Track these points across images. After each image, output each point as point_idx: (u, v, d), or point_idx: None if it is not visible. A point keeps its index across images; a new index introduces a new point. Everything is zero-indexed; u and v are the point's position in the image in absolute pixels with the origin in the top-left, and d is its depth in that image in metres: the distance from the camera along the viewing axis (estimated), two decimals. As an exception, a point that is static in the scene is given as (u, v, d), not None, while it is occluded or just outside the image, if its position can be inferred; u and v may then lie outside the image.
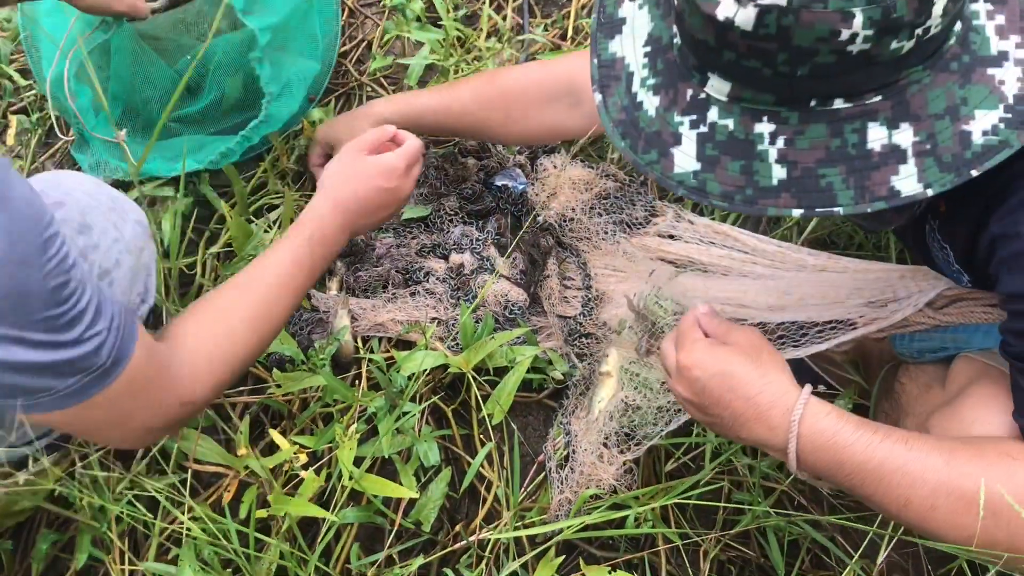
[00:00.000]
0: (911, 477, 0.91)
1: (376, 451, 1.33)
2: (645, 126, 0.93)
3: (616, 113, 0.96)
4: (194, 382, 1.05)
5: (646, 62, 0.95)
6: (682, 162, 0.90)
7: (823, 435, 0.96)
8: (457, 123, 1.57)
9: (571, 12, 1.97)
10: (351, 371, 1.51)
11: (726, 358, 1.02)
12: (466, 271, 1.59)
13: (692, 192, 0.90)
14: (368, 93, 1.89)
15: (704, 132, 0.89)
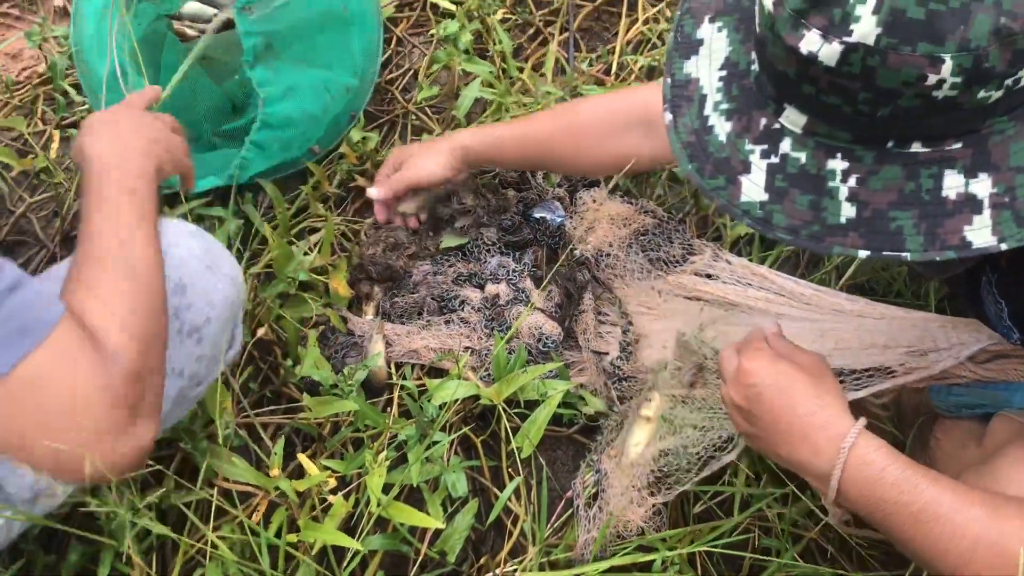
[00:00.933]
0: (952, 526, 0.89)
1: (405, 479, 1.33)
2: (715, 151, 0.91)
3: (686, 135, 0.94)
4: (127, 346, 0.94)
5: (721, 86, 0.93)
6: (750, 191, 0.89)
7: (870, 468, 0.94)
8: (535, 151, 1.56)
9: (616, 48, 1.99)
10: (383, 396, 1.52)
11: (787, 372, 1.01)
12: (501, 302, 1.59)
13: (757, 223, 0.88)
14: (413, 122, 1.91)
15: (775, 163, 0.87)
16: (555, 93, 1.84)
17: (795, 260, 1.67)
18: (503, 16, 2.00)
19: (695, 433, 1.31)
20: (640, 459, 1.33)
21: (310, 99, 1.68)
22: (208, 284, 1.16)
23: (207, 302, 1.16)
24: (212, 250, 1.21)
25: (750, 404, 1.03)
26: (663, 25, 2.00)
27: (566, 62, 1.97)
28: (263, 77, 1.60)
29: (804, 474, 1.00)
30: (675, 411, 1.35)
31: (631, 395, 1.46)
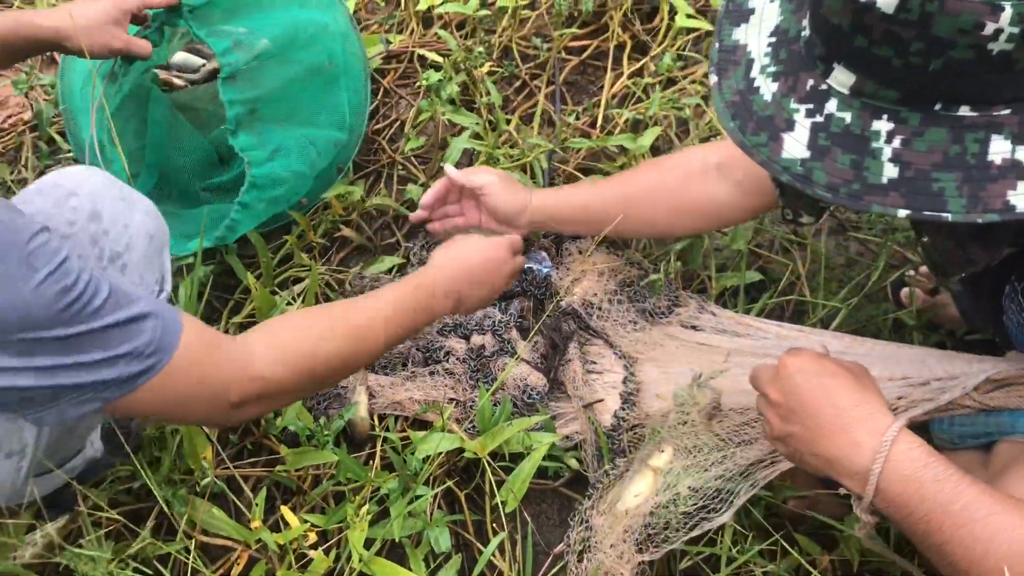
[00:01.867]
0: (993, 530, 0.88)
1: (387, 534, 1.30)
2: (758, 110, 0.92)
3: (730, 95, 0.95)
4: (266, 358, 1.09)
5: (769, 51, 0.94)
6: (791, 148, 0.89)
7: (913, 464, 0.93)
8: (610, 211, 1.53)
9: (601, 101, 2.00)
10: (366, 449, 1.50)
11: (829, 367, 1.02)
12: (486, 353, 1.58)
13: (796, 179, 0.88)
14: (399, 172, 1.92)
15: (819, 122, 0.88)
16: (543, 145, 1.85)
17: (780, 312, 1.67)
18: (490, 69, 2.02)
19: (689, 493, 1.29)
20: (636, 510, 1.30)
21: (297, 157, 1.69)
22: (122, 212, 1.20)
23: (123, 227, 1.20)
24: (125, 190, 1.25)
25: (789, 398, 1.02)
26: (647, 79, 2.02)
27: (553, 114, 1.99)
28: (247, 143, 1.60)
29: (840, 473, 0.98)
30: (673, 466, 1.33)
31: (629, 446, 1.44)
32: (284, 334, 1.15)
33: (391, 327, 1.25)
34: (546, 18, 2.16)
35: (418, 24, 2.16)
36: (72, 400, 0.94)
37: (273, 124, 1.64)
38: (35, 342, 0.88)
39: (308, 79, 1.70)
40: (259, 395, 1.09)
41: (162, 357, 0.97)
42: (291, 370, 1.11)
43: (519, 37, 2.13)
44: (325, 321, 1.19)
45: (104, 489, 1.38)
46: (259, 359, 1.09)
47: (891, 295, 1.68)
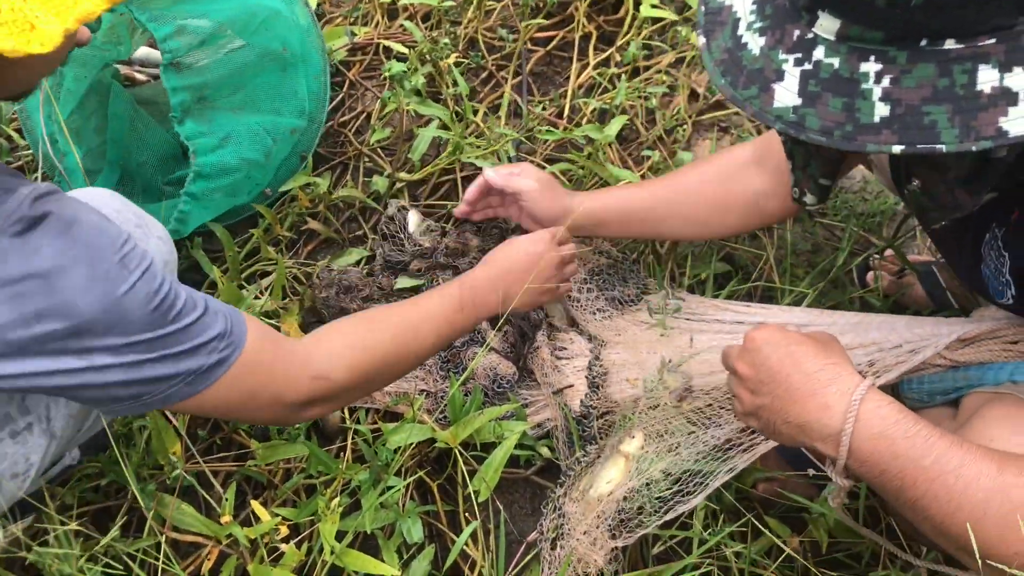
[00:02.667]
0: (965, 481, 0.90)
1: (359, 526, 1.30)
2: (748, 64, 0.93)
3: (719, 54, 0.96)
4: (326, 358, 1.12)
5: (754, 8, 0.95)
6: (782, 97, 0.90)
7: (884, 421, 0.94)
8: (667, 214, 1.55)
9: (568, 92, 2.01)
10: (337, 442, 1.49)
11: (794, 337, 1.04)
12: (457, 343, 1.58)
13: (790, 126, 0.89)
14: (365, 164, 1.91)
15: (808, 70, 0.89)
16: (510, 135, 1.85)
17: (748, 298, 1.69)
18: (456, 60, 2.01)
19: (662, 477, 1.29)
20: (609, 497, 1.31)
21: (249, 145, 1.67)
22: (139, 240, 1.18)
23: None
24: (141, 215, 1.25)
25: (758, 370, 1.04)
26: (612, 69, 2.02)
27: (520, 104, 1.99)
28: (192, 130, 1.58)
29: (813, 437, 0.99)
30: (645, 452, 1.33)
31: (600, 432, 1.44)
32: (339, 336, 1.18)
33: (440, 325, 1.29)
34: (512, 9, 2.16)
35: (383, 16, 2.14)
36: (156, 395, 0.96)
37: (226, 112, 1.63)
38: (127, 346, 0.90)
39: (262, 65, 1.68)
40: (323, 395, 1.12)
41: (235, 349, 1.00)
42: (350, 369, 1.14)
43: (485, 28, 2.13)
44: (377, 323, 1.23)
45: (71, 487, 1.36)
46: (318, 359, 1.11)
47: (857, 278, 1.70)
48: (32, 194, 0.84)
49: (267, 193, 1.74)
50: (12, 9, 0.75)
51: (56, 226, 0.84)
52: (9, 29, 0.75)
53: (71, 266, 0.84)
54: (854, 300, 1.63)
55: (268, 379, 1.05)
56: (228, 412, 1.09)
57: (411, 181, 1.85)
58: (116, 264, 0.88)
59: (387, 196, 1.82)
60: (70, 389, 0.91)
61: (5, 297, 0.82)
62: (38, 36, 0.76)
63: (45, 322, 0.84)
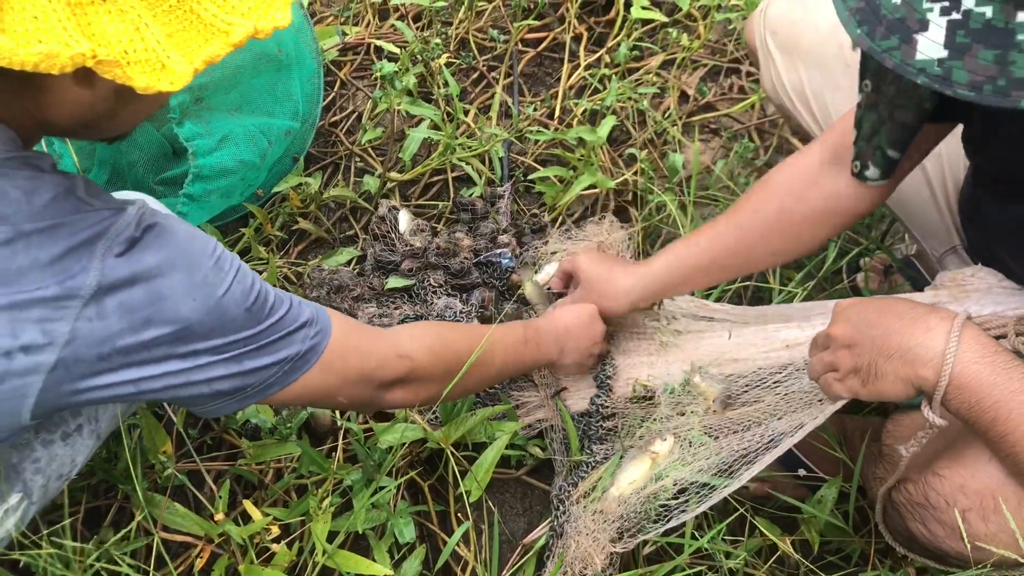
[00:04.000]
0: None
1: (351, 526, 1.30)
2: (887, 13, 0.86)
3: (854, 2, 0.88)
4: (409, 340, 1.18)
5: None
6: (926, 48, 0.83)
7: (985, 348, 0.96)
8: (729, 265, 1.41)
9: (559, 92, 2.01)
10: (328, 442, 1.49)
11: (880, 298, 1.08)
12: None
13: (934, 80, 0.83)
14: (357, 164, 1.90)
15: (957, 19, 0.82)
16: (501, 136, 1.85)
17: (738, 299, 1.69)
18: (447, 60, 2.01)
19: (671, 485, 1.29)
20: (629, 497, 1.30)
21: (246, 147, 1.66)
22: None
23: None
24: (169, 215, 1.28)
25: (854, 324, 1.07)
26: (603, 70, 2.03)
27: (511, 105, 1.99)
28: (191, 132, 1.58)
29: (916, 364, 1.00)
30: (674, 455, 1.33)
31: (607, 434, 1.44)
32: (419, 328, 1.26)
33: (508, 347, 1.34)
34: (503, 10, 2.16)
35: (374, 16, 2.14)
36: (258, 386, 1.00)
37: (223, 113, 1.62)
38: (230, 344, 0.94)
39: (257, 67, 1.67)
40: (406, 375, 1.16)
41: (325, 336, 1.05)
42: (431, 352, 1.20)
43: (476, 29, 2.13)
44: (452, 328, 1.34)
45: (60, 487, 1.36)
46: (403, 340, 1.18)
47: (846, 278, 1.71)
48: (138, 215, 0.88)
49: (259, 194, 1.74)
50: (147, 49, 0.80)
51: (155, 239, 0.88)
52: (143, 67, 0.80)
53: (172, 274, 0.89)
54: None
55: (358, 360, 1.10)
56: (325, 397, 1.11)
57: (402, 181, 1.85)
58: (212, 268, 0.92)
59: (378, 196, 1.81)
60: (176, 388, 0.94)
61: (114, 307, 0.85)
62: (168, 74, 0.82)
63: (152, 328, 0.88)
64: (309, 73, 1.81)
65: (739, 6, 2.14)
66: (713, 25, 2.14)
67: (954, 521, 1.06)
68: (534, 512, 1.47)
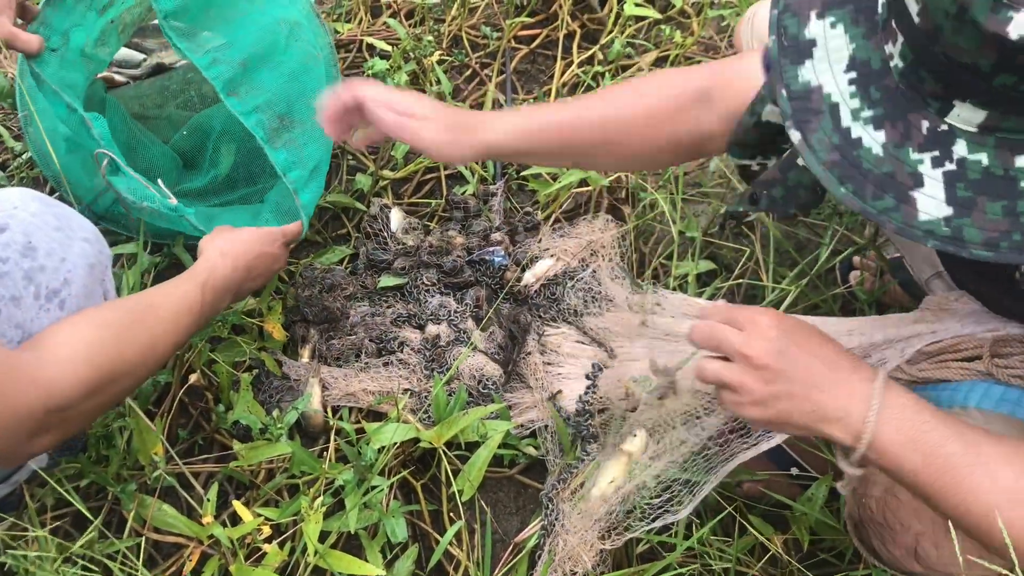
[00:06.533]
0: (994, 468, 0.87)
1: (343, 525, 1.29)
2: (871, 166, 0.80)
3: (826, 153, 0.81)
4: (62, 383, 1.01)
5: (854, 91, 0.81)
6: (928, 207, 0.78)
7: (908, 409, 0.91)
8: (585, 139, 1.29)
9: (552, 89, 2.00)
10: (320, 442, 1.49)
11: (797, 322, 0.98)
12: (442, 342, 1.57)
13: (946, 242, 0.77)
14: (349, 163, 1.90)
15: (952, 171, 0.77)
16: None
17: (731, 297, 1.69)
18: (440, 58, 2.01)
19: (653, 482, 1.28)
20: (612, 496, 1.30)
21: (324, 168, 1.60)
22: (59, 244, 1.14)
23: (60, 260, 1.13)
24: (62, 214, 1.18)
25: (778, 358, 0.95)
26: (596, 67, 2.02)
27: (504, 103, 1.98)
28: (287, 163, 1.49)
29: (835, 424, 0.93)
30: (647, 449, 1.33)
31: (601, 430, 1.44)
32: (81, 346, 1.06)
33: (182, 332, 1.22)
34: (495, 7, 2.15)
35: (366, 13, 2.14)
36: None
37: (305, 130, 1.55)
38: None
39: (307, 71, 1.61)
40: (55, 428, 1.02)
41: None
42: (88, 391, 1.04)
43: (468, 26, 2.12)
44: (125, 336, 1.12)
45: (51, 489, 1.35)
46: (55, 383, 1.01)
47: (840, 277, 1.71)
48: None
49: None
50: None
51: None
52: None
53: None
54: (837, 298, 1.64)
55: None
56: None
57: (394, 179, 1.85)
58: None
59: (370, 194, 1.81)
60: None
61: None
62: None
63: None
64: (331, 72, 1.77)
65: (732, 3, 2.13)
66: (706, 22, 2.14)
67: (910, 544, 1.05)
68: (527, 511, 1.46)
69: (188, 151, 1.81)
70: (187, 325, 1.23)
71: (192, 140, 1.80)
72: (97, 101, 1.74)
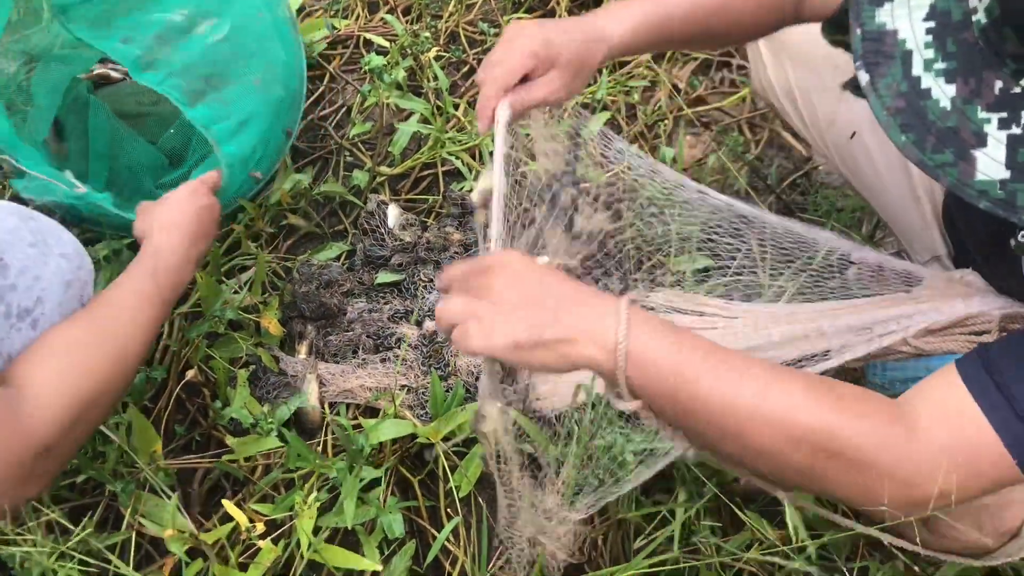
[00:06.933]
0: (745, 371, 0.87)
1: (340, 521, 1.29)
2: (936, 119, 0.78)
3: (892, 99, 0.79)
4: (47, 426, 1.00)
5: (930, 40, 0.79)
6: (986, 168, 0.76)
7: (653, 321, 0.89)
8: (701, 23, 1.23)
9: (550, 85, 2.00)
10: (317, 439, 1.48)
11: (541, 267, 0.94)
12: (439, 339, 1.57)
13: (997, 205, 0.76)
14: (346, 158, 1.89)
15: (1018, 134, 0.75)
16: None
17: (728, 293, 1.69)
18: (437, 54, 2.00)
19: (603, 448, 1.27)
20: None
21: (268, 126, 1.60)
22: (33, 262, 1.11)
23: (34, 279, 1.10)
24: (40, 229, 1.15)
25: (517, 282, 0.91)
26: (596, 63, 2.02)
27: (500, 99, 1.98)
28: (207, 116, 1.48)
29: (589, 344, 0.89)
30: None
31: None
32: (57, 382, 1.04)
33: (150, 325, 1.19)
34: (493, 3, 2.15)
35: (364, 9, 2.13)
36: None
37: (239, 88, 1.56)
38: None
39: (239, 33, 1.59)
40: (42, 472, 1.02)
41: None
42: (72, 427, 1.04)
43: (466, 22, 2.12)
44: (96, 355, 1.10)
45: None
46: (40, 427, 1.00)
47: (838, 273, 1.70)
48: None
49: (258, 177, 1.70)
50: None
51: None
52: None
53: None
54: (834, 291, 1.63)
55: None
56: None
57: (392, 175, 1.84)
58: None
59: (368, 190, 1.81)
60: None
61: None
62: None
63: None
64: (288, 43, 1.77)
65: None
66: (704, 18, 2.13)
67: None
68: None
69: (177, 148, 1.82)
70: (150, 318, 1.19)
71: (180, 137, 1.80)
72: (81, 102, 1.74)
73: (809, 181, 1.90)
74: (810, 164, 1.91)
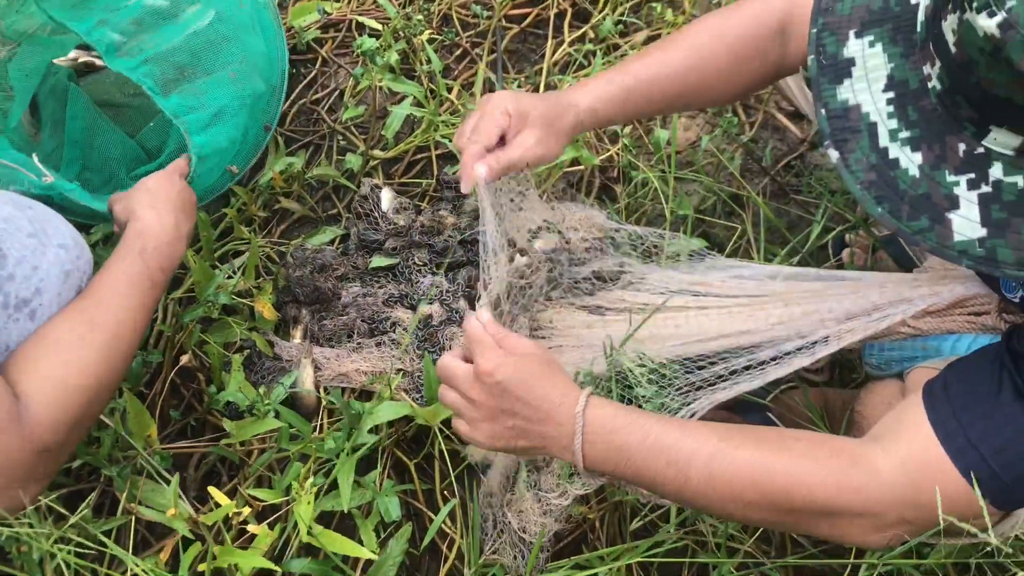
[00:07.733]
0: (687, 453, 0.97)
1: (336, 505, 1.29)
2: (907, 187, 0.81)
3: (863, 173, 0.83)
4: (47, 428, 1.01)
5: (892, 110, 0.83)
6: (962, 228, 0.79)
7: (603, 421, 1.01)
8: (669, 90, 1.30)
9: (543, 69, 1.99)
10: (313, 423, 1.48)
11: (524, 365, 1.05)
12: (434, 322, 1.57)
13: (980, 262, 0.79)
14: (339, 142, 1.89)
15: (988, 192, 0.78)
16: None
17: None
18: (430, 36, 1.99)
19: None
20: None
21: (240, 116, 1.59)
22: (31, 252, 1.10)
23: (32, 269, 1.10)
24: (38, 218, 1.15)
25: (497, 400, 1.05)
26: (588, 46, 2.01)
27: (495, 82, 1.97)
28: (180, 106, 1.48)
29: (555, 449, 1.04)
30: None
31: None
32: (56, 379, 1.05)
33: (144, 309, 1.19)
34: (486, -15, 2.14)
35: (355, -8, 2.12)
36: None
37: (215, 79, 1.55)
38: None
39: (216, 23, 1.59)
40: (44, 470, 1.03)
41: None
42: (73, 424, 1.05)
43: (459, 5, 2.10)
44: (91, 346, 1.10)
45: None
46: (41, 426, 1.01)
47: (832, 254, 1.70)
48: None
49: (233, 171, 1.69)
50: None
51: None
52: None
53: None
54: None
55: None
56: None
57: (385, 159, 1.84)
58: None
59: (361, 174, 1.80)
60: None
61: None
62: None
63: None
64: (269, 34, 1.75)
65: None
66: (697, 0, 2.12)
67: None
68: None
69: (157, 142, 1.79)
70: (142, 303, 1.18)
71: (159, 132, 1.77)
72: (60, 90, 1.72)
73: (803, 163, 1.90)
74: (804, 146, 1.91)
